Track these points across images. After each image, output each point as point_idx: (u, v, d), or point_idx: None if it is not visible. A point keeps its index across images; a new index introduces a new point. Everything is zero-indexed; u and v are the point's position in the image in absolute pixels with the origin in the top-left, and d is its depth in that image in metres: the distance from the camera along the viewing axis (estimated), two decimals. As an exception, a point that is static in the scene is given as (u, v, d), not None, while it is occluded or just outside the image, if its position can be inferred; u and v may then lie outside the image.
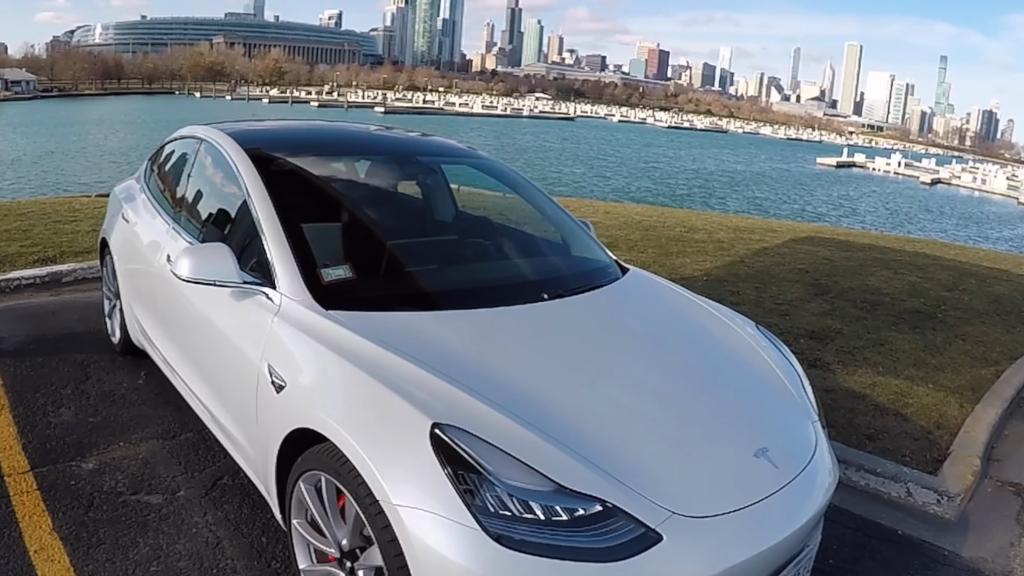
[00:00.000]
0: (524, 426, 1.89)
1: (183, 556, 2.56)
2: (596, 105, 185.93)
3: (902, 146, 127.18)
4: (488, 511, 1.72)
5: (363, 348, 2.13)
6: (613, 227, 9.50)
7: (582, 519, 1.76)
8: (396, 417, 1.90)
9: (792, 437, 2.33)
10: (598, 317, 2.71)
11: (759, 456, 2.11)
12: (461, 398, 1.94)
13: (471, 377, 2.04)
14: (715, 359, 2.66)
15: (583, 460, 1.86)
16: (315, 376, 2.17)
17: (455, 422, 1.85)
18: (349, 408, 2.02)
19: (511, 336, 2.40)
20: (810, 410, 2.53)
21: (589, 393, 2.19)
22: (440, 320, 2.40)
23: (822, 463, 2.29)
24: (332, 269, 2.50)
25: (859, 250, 8.99)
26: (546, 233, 3.47)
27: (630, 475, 1.87)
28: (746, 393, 2.48)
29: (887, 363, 4.82)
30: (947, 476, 3.40)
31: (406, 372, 2.02)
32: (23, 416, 3.50)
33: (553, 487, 1.77)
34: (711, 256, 7.97)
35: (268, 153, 3.04)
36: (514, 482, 1.76)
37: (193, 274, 2.44)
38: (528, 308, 2.57)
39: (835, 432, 3.76)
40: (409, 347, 2.13)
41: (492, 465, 1.77)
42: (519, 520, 1.72)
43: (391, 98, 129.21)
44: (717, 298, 6.11)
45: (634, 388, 2.30)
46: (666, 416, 2.20)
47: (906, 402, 4.20)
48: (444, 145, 3.93)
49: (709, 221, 11.40)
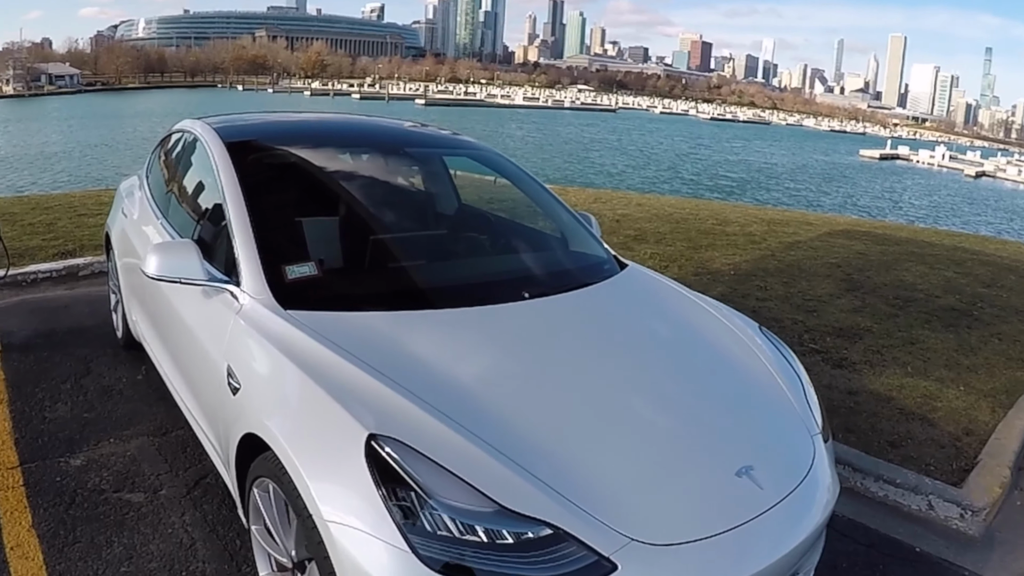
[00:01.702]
0: (471, 440, 1.76)
1: (155, 557, 2.52)
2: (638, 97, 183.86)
3: (947, 138, 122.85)
4: (423, 532, 1.59)
5: (313, 351, 2.02)
6: (643, 220, 9.31)
7: (529, 543, 1.61)
8: (333, 426, 1.79)
9: (784, 453, 2.13)
10: (580, 318, 2.55)
11: (742, 475, 1.93)
12: (406, 407, 1.82)
13: (423, 384, 1.92)
14: (705, 366, 2.47)
15: (532, 479, 1.70)
16: (265, 379, 2.09)
17: (395, 433, 1.72)
18: (290, 415, 1.93)
19: (478, 339, 2.27)
20: (811, 421, 2.32)
21: (553, 404, 2.02)
22: (403, 321, 2.27)
23: (819, 481, 2.09)
24: (297, 267, 2.39)
25: (895, 244, 8.66)
26: (538, 228, 3.32)
27: (586, 496, 1.71)
28: (735, 403, 2.28)
29: (917, 363, 4.56)
30: (972, 488, 3.14)
31: (352, 377, 1.91)
32: (20, 411, 3.50)
33: (494, 508, 1.63)
34: (741, 250, 7.74)
35: (248, 147, 2.97)
36: (452, 501, 1.62)
37: (159, 271, 2.38)
38: (504, 308, 2.42)
39: (855, 438, 3.56)
40: (362, 350, 2.01)
41: (428, 482, 1.64)
42: (459, 543, 1.59)
43: (433, 90, 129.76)
44: (743, 293, 5.97)
45: (606, 398, 2.11)
46: (638, 429, 2.02)
47: (934, 406, 3.95)
48: (440, 137, 3.79)
49: (744, 214, 11.09)
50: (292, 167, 3.06)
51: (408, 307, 2.36)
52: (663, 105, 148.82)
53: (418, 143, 3.65)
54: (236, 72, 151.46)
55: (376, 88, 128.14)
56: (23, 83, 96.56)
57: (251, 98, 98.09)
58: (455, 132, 3.95)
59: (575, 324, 2.49)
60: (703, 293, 5.76)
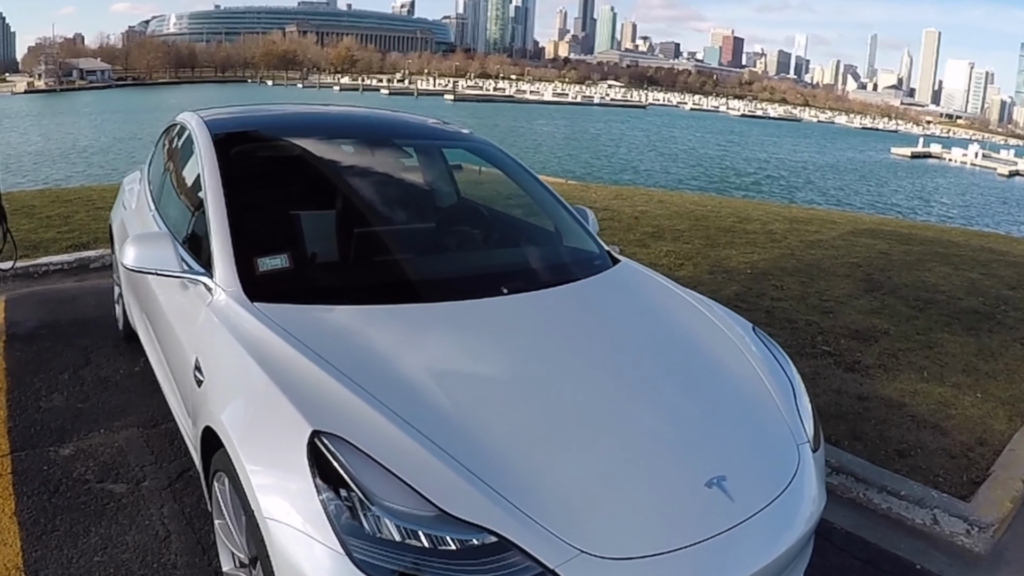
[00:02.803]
0: (419, 441, 1.69)
1: (129, 548, 2.52)
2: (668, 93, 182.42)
3: (980, 136, 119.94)
4: (361, 535, 1.54)
5: (272, 344, 1.99)
6: (662, 216, 9.19)
7: (473, 551, 1.54)
8: (280, 421, 1.75)
9: (764, 462, 2.02)
10: (558, 315, 2.46)
11: (712, 486, 1.82)
12: (355, 404, 1.76)
13: (379, 380, 1.86)
14: (687, 368, 2.35)
15: (479, 484, 1.63)
16: (223, 372, 2.06)
17: (340, 431, 1.67)
18: (240, 409, 1.90)
19: (445, 335, 2.21)
20: (799, 429, 2.19)
21: (512, 405, 1.93)
22: (370, 316, 2.22)
23: (801, 493, 1.97)
24: (269, 259, 2.36)
25: (920, 244, 8.42)
26: (528, 222, 3.24)
27: (537, 504, 1.62)
28: (715, 409, 2.16)
29: (933, 368, 4.40)
30: (981, 502, 2.98)
31: (307, 372, 1.87)
32: (16, 400, 3.54)
33: (435, 513, 1.57)
34: (760, 248, 7.60)
35: (234, 139, 2.95)
36: (392, 504, 1.57)
37: (136, 263, 2.37)
38: (479, 303, 2.36)
39: (862, 446, 3.42)
40: (322, 344, 1.97)
41: (368, 483, 1.58)
42: (400, 548, 1.53)
43: (462, 86, 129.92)
44: (758, 293, 5.84)
45: (572, 400, 2.01)
46: (602, 434, 1.91)
47: (948, 413, 3.80)
48: (434, 129, 3.73)
49: (766, 211, 10.90)
50: (277, 160, 3.03)
51: (379, 301, 2.30)
52: (693, 101, 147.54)
53: (410, 135, 3.59)
54: (266, 67, 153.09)
55: (405, 83, 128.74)
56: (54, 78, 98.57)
57: (281, 93, 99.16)
58: (445, 121, 3.88)
59: (552, 321, 2.41)
60: (717, 292, 5.76)
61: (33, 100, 79.92)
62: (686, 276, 6.26)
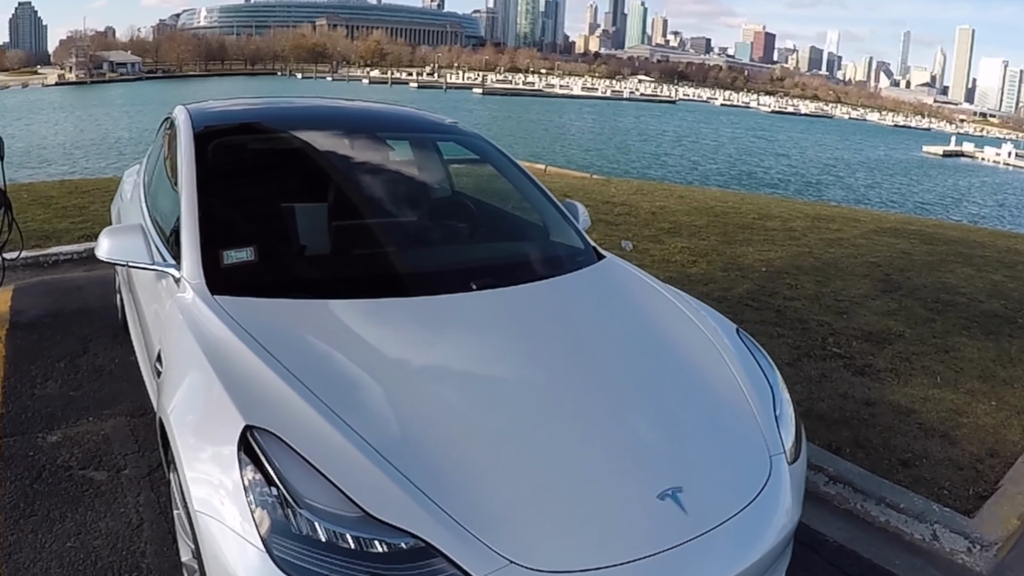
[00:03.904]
0: (352, 440, 1.65)
1: (102, 534, 2.55)
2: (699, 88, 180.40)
3: (1014, 135, 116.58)
4: (288, 533, 1.51)
5: (222, 337, 1.97)
6: (681, 212, 9.08)
7: (400, 555, 1.50)
8: (218, 415, 1.73)
9: (728, 474, 1.91)
10: (525, 313, 2.39)
11: (665, 498, 1.72)
12: (294, 401, 1.73)
13: (323, 376, 1.83)
14: (657, 371, 2.24)
15: (409, 487, 1.58)
16: (176, 363, 2.05)
17: (274, 427, 1.64)
18: (184, 401, 1.88)
19: (403, 332, 2.16)
20: (775, 439, 2.08)
21: (459, 406, 1.87)
22: (330, 311, 2.18)
23: (768, 509, 1.86)
24: (235, 251, 2.34)
25: (944, 243, 8.20)
26: (509, 216, 3.17)
27: (469, 510, 1.57)
28: (681, 415, 2.06)
29: (948, 373, 4.24)
30: (986, 518, 2.83)
31: (252, 367, 1.85)
32: (11, 387, 3.58)
33: (359, 514, 1.53)
34: (778, 245, 7.46)
35: (215, 132, 2.93)
36: (317, 503, 1.54)
37: (108, 254, 2.38)
38: (444, 299, 2.31)
39: (864, 454, 3.30)
40: (273, 339, 1.94)
41: (294, 481, 1.56)
42: (326, 549, 1.49)
43: (491, 80, 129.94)
44: (770, 291, 5.70)
45: (521, 402, 1.94)
46: (552, 439, 1.83)
47: (959, 422, 3.65)
48: (423, 122, 3.65)
49: (789, 208, 10.70)
50: (255, 154, 3.03)
51: (343, 296, 2.26)
52: (724, 97, 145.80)
53: (395, 128, 3.53)
54: (296, 60, 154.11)
55: (434, 77, 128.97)
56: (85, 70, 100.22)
57: (310, 86, 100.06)
58: (427, 113, 3.79)
59: (517, 319, 2.34)
60: (728, 291, 5.64)
61: (64, 92, 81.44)
62: (698, 273, 6.15)
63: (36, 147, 30.57)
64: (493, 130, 45.98)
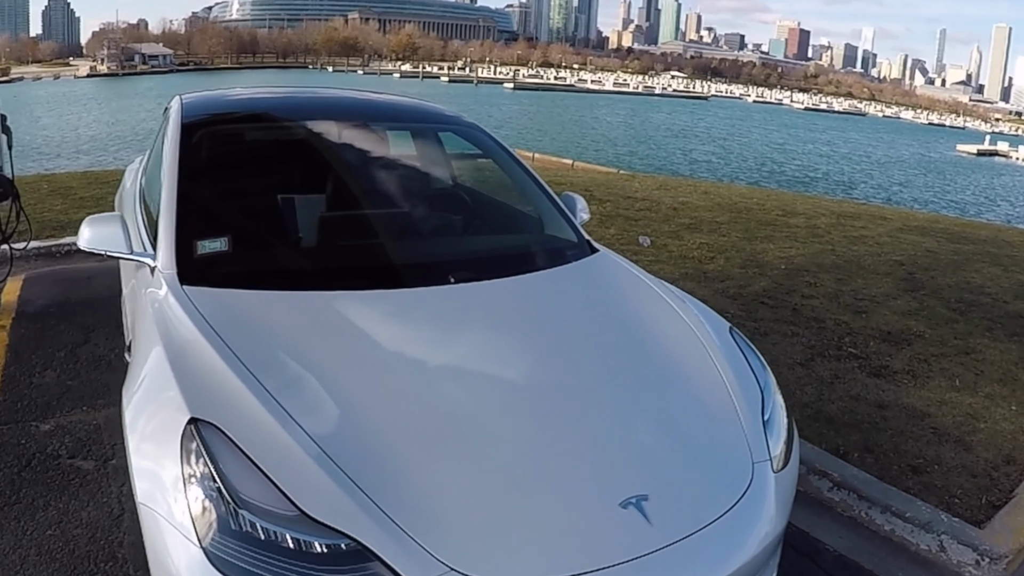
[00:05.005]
0: (297, 437, 1.59)
1: (82, 524, 2.55)
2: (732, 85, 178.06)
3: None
4: (227, 530, 1.47)
5: (183, 328, 1.94)
6: (703, 208, 8.93)
7: (340, 557, 1.44)
8: (167, 407, 1.70)
9: (702, 482, 1.80)
10: (505, 308, 2.31)
11: (628, 506, 1.62)
12: (243, 395, 1.68)
13: (279, 372, 1.79)
14: (636, 371, 2.13)
15: (351, 487, 1.52)
16: (140, 352, 2.02)
17: (219, 421, 1.60)
18: (138, 391, 1.85)
19: (370, 325, 2.10)
20: (760, 445, 1.96)
21: (416, 405, 1.79)
22: (299, 303, 2.13)
23: (745, 520, 1.75)
24: (209, 242, 2.31)
25: (971, 243, 7.96)
26: (499, 209, 3.08)
27: (412, 513, 1.50)
28: (656, 419, 1.95)
29: (967, 376, 4.08)
30: (997, 529, 2.69)
31: (207, 359, 1.80)
32: (11, 375, 3.61)
33: (295, 513, 1.47)
34: (800, 242, 7.30)
35: (203, 122, 2.90)
36: (255, 500, 1.49)
37: (88, 244, 2.36)
38: (419, 292, 2.25)
39: (873, 460, 3.17)
40: (233, 331, 1.90)
41: (233, 476, 1.51)
42: (264, 547, 1.44)
43: (523, 74, 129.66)
44: (788, 289, 5.55)
45: (486, 402, 1.86)
46: (510, 442, 1.74)
47: (975, 427, 3.50)
48: (419, 111, 3.58)
49: (814, 206, 10.48)
50: (242, 144, 3.00)
51: (317, 288, 2.21)
52: (756, 93, 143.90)
53: (390, 118, 3.44)
54: (327, 53, 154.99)
55: (466, 71, 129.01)
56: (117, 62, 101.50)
57: (341, 79, 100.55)
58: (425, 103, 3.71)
59: (493, 315, 2.26)
60: (744, 288, 5.50)
61: (96, 83, 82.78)
62: (715, 270, 6.02)
63: (71, 138, 31.15)
64: (523, 123, 45.92)
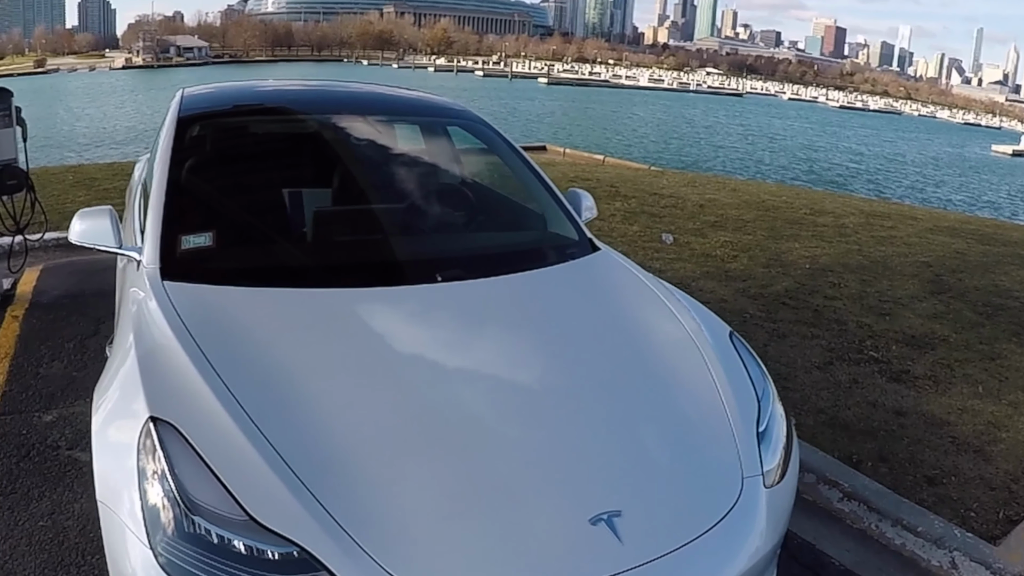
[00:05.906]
0: (254, 440, 1.55)
1: (74, 515, 2.56)
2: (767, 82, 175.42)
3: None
4: (180, 532, 1.43)
5: (158, 325, 1.91)
6: (730, 206, 8.80)
7: (291, 564, 1.40)
8: (129, 404, 1.68)
9: (684, 498, 1.70)
10: (492, 307, 2.23)
11: (598, 523, 1.53)
12: (205, 395, 1.65)
13: (245, 372, 1.74)
14: (622, 377, 2.03)
15: (303, 492, 1.47)
16: (118, 347, 2.00)
17: (179, 420, 1.57)
18: (106, 388, 1.84)
19: (347, 325, 2.03)
20: (752, 459, 1.85)
21: (385, 408, 1.73)
22: (279, 300, 2.08)
23: (729, 538, 1.65)
24: (194, 237, 2.29)
25: (1002, 244, 7.72)
26: (497, 205, 3.00)
27: (365, 523, 1.44)
28: (639, 429, 1.86)
29: (991, 383, 3.92)
30: (1013, 546, 2.57)
31: (174, 356, 1.77)
32: (19, 366, 3.65)
33: (244, 518, 1.43)
34: (827, 242, 7.13)
35: (199, 117, 2.87)
36: (206, 504, 1.46)
37: (79, 238, 2.35)
38: (404, 291, 2.20)
39: (887, 469, 3.05)
40: (205, 329, 1.87)
41: (186, 478, 1.48)
42: (215, 552, 1.41)
43: (558, 69, 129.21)
44: (811, 290, 5.40)
45: (456, 409, 1.78)
46: (478, 448, 1.67)
47: (996, 436, 3.35)
48: (422, 104, 3.51)
49: (843, 205, 10.24)
50: (235, 139, 2.96)
51: (301, 285, 2.16)
52: (792, 91, 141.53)
53: (392, 112, 3.35)
54: (362, 47, 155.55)
55: (501, 66, 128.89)
56: (152, 54, 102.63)
57: (374, 72, 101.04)
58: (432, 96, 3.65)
59: (478, 315, 2.19)
60: (766, 288, 5.36)
61: (130, 75, 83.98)
62: (737, 269, 5.89)
63: (109, 128, 31.71)
64: (556, 118, 45.75)
